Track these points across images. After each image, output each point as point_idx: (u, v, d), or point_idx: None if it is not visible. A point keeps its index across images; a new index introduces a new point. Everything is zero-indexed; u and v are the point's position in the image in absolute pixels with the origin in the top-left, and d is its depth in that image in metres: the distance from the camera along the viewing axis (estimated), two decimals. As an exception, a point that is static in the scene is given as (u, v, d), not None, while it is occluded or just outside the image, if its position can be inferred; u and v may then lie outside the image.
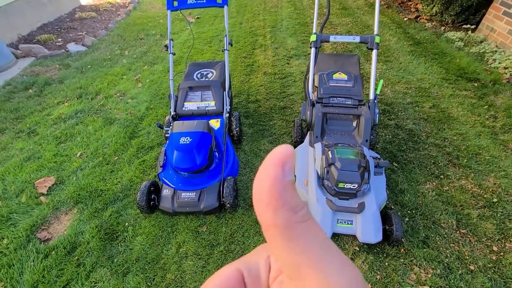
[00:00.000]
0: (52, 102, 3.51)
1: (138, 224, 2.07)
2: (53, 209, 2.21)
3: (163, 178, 2.16)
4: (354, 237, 1.80)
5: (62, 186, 2.40)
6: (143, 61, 4.41)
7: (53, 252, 1.91)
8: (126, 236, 2.00)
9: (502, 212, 2.00)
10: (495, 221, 1.94)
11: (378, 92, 2.23)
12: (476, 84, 3.37)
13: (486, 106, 3.01)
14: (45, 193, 2.34)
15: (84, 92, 3.64)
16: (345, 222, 1.80)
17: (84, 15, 6.00)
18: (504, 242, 1.82)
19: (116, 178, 2.45)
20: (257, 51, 4.45)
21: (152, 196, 2.07)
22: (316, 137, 2.17)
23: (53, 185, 2.41)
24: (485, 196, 2.12)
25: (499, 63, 3.67)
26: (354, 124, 2.24)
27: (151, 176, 2.45)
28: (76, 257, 1.88)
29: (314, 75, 2.42)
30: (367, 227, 1.73)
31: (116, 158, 2.66)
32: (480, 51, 4.01)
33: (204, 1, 2.61)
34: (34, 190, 2.37)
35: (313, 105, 2.28)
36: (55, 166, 2.59)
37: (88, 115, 3.25)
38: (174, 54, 2.67)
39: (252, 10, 6.28)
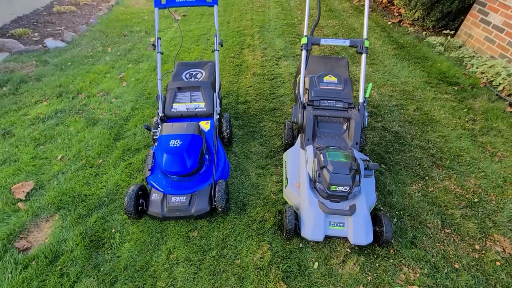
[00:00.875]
0: (29, 101, 3.31)
1: (126, 230, 1.99)
2: (33, 216, 2.09)
3: (151, 181, 2.09)
4: (345, 239, 1.83)
5: (42, 191, 2.27)
6: (127, 59, 4.25)
7: (33, 262, 1.80)
8: (113, 243, 1.92)
9: (482, 211, 2.10)
10: (476, 221, 2.04)
11: (367, 95, 2.27)
12: (456, 88, 3.52)
13: (466, 109, 3.16)
14: (23, 199, 2.20)
15: (65, 91, 3.46)
16: (337, 225, 1.82)
17: (63, 9, 5.71)
18: (485, 241, 1.91)
19: (101, 182, 2.35)
20: (246, 51, 4.42)
21: (140, 200, 2.00)
22: (308, 139, 2.18)
23: (31, 190, 2.27)
24: (467, 196, 2.22)
25: (477, 68, 3.85)
26: (345, 127, 2.27)
27: (139, 179, 2.37)
28: (59, 267, 1.78)
29: (305, 77, 2.43)
30: (358, 229, 1.76)
31: (101, 161, 2.55)
32: (459, 56, 4.19)
33: (193, -1, 2.55)
34: (10, 195, 2.22)
35: (304, 107, 2.29)
36: (33, 170, 2.44)
37: (69, 115, 3.09)
38: (162, 53, 2.59)
39: (240, 9, 6.24)
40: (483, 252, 1.85)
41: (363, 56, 2.33)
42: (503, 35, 3.80)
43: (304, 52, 2.38)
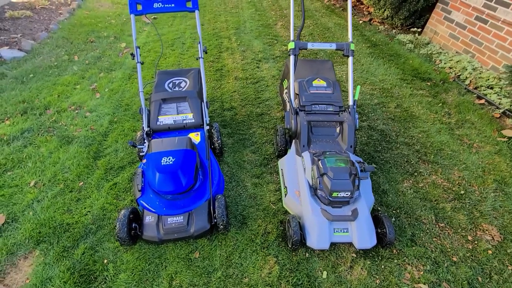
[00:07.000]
0: (-13, 120, 2.95)
1: (120, 259, 1.84)
2: (7, 254, 1.85)
3: (143, 203, 1.95)
4: (350, 244, 1.84)
5: (15, 225, 2.02)
6: (98, 68, 3.96)
7: (15, 308, 1.60)
8: (107, 275, 1.76)
9: (469, 202, 2.23)
10: (465, 212, 2.15)
11: (356, 98, 2.31)
12: (429, 83, 3.72)
13: (440, 104, 3.34)
14: (-6, 235, 1.95)
15: (29, 107, 3.12)
16: (341, 231, 1.82)
17: (17, 14, 5.17)
18: (476, 231, 2.03)
19: (85, 208, 2.15)
20: (224, 55, 4.31)
21: (133, 225, 1.85)
22: (303, 146, 2.17)
23: (3, 224, 2.01)
24: (453, 189, 2.34)
25: (445, 63, 4.10)
26: (337, 130, 2.28)
27: (127, 201, 2.20)
28: (46, 310, 1.60)
29: (294, 82, 2.41)
30: (362, 234, 1.78)
31: (81, 183, 2.33)
32: (428, 53, 4.44)
33: (173, 5, 2.41)
34: (-23, 233, 1.95)
35: (296, 113, 2.27)
36: (2, 201, 2.17)
37: (39, 134, 2.80)
38: (142, 63, 2.42)
39: (213, 11, 6.09)
40: (476, 242, 1.96)
41: (350, 59, 2.37)
42: (465, 32, 4.08)
43: (292, 57, 2.36)
